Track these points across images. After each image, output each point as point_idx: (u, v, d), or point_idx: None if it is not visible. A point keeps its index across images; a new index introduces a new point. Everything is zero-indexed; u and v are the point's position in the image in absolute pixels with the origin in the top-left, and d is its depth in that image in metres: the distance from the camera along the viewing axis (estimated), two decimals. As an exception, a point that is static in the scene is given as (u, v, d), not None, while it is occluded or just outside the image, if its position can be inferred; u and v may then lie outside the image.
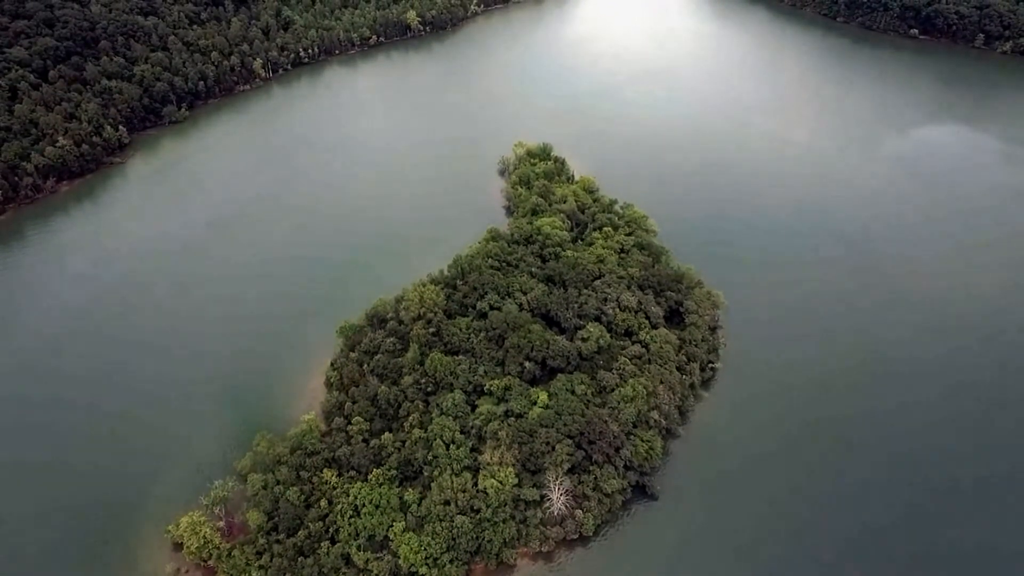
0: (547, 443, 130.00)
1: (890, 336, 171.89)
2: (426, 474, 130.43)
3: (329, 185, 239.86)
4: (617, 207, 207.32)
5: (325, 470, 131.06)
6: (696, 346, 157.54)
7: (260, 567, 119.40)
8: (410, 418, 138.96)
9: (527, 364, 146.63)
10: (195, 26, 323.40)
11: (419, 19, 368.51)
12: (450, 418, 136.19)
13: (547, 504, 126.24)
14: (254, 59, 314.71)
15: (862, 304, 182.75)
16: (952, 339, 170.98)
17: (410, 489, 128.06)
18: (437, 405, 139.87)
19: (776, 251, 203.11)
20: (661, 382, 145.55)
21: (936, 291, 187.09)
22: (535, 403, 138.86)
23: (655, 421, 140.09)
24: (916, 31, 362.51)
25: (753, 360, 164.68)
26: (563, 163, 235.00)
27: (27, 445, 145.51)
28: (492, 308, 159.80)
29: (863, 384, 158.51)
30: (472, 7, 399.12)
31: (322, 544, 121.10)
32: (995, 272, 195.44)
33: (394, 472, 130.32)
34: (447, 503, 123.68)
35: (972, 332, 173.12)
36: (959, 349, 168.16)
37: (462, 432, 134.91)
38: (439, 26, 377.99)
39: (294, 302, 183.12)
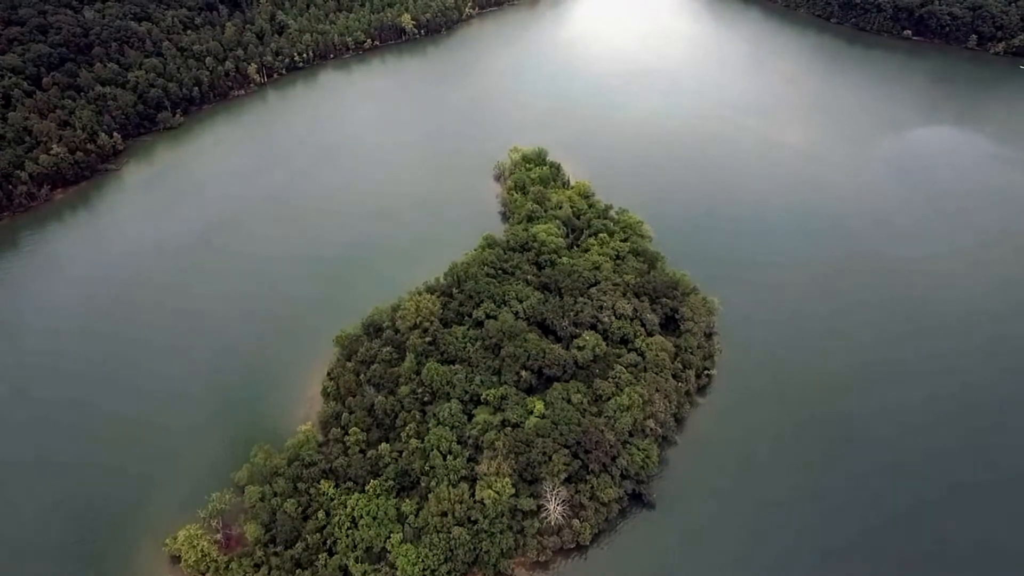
0: (544, 453, 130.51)
1: (886, 338, 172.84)
2: (423, 484, 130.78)
3: (324, 191, 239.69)
4: (612, 212, 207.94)
5: (322, 481, 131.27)
6: (692, 353, 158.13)
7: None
8: (407, 428, 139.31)
9: (523, 373, 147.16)
10: (189, 31, 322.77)
11: (414, 22, 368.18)
12: (447, 428, 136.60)
13: (544, 514, 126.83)
14: (249, 64, 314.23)
15: (858, 306, 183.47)
16: (949, 340, 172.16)
17: (407, 500, 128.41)
18: (434, 415, 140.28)
19: (770, 254, 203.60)
20: (657, 390, 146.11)
21: (931, 292, 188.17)
22: (531, 412, 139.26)
23: (651, 429, 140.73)
24: (909, 32, 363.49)
25: (748, 365, 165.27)
26: (558, 168, 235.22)
27: (20, 455, 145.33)
28: (488, 317, 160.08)
29: (860, 387, 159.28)
30: (467, 10, 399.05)
31: (320, 556, 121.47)
32: (990, 272, 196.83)
33: (391, 483, 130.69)
34: (444, 514, 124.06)
35: (969, 332, 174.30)
36: (956, 350, 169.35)
37: (459, 442, 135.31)
38: (434, 29, 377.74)
39: (291, 309, 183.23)
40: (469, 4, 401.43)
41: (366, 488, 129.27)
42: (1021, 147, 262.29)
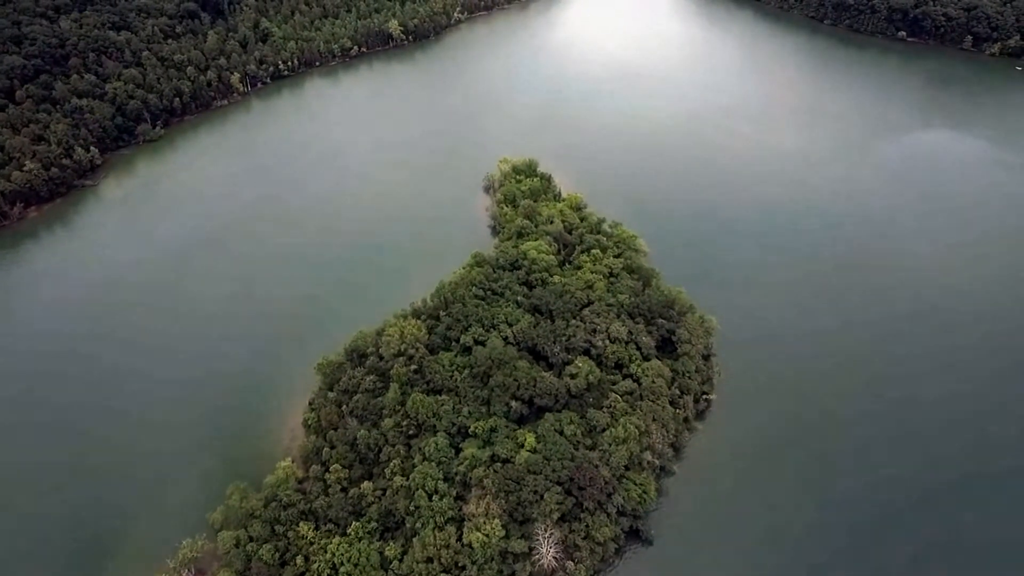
0: (535, 492, 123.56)
1: (890, 353, 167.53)
2: (408, 525, 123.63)
3: (309, 205, 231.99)
4: (605, 226, 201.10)
5: (301, 523, 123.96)
6: (689, 377, 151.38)
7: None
8: (391, 464, 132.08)
9: (513, 403, 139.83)
10: (170, 40, 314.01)
11: (401, 28, 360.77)
12: (433, 464, 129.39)
13: (536, 556, 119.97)
14: (232, 73, 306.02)
15: (860, 318, 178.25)
16: (953, 350, 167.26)
17: (391, 543, 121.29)
18: (420, 450, 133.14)
19: (768, 264, 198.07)
20: (654, 419, 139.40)
21: (934, 301, 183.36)
22: (522, 446, 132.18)
23: (648, 462, 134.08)
24: (904, 33, 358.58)
25: (748, 387, 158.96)
26: (549, 180, 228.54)
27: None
28: (476, 342, 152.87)
29: (864, 407, 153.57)
30: (455, 15, 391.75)
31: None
32: (989, 275, 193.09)
33: (374, 524, 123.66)
34: (430, 560, 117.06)
35: (972, 340, 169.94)
36: (960, 360, 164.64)
37: (445, 480, 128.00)
38: (422, 35, 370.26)
39: (273, 333, 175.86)
40: (458, 9, 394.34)
41: (348, 531, 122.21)
42: (1017, 149, 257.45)
